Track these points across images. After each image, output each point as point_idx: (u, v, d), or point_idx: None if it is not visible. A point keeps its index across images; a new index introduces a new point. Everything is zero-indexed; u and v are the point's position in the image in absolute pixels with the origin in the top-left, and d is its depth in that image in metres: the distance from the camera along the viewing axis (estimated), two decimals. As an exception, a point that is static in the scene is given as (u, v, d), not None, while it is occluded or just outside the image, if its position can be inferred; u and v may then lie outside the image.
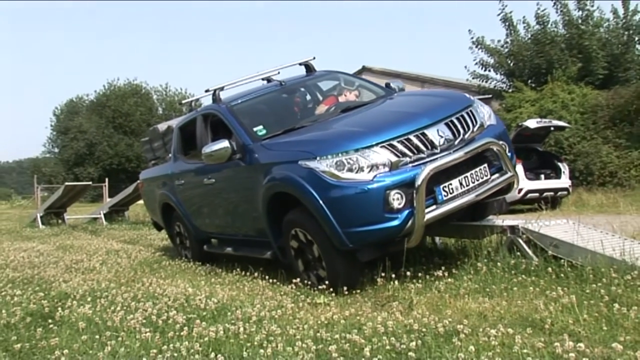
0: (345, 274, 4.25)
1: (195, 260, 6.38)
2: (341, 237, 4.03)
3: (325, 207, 4.02)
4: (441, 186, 4.08)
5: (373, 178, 3.92)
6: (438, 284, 4.07)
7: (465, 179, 4.19)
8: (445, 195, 4.09)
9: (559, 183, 11.52)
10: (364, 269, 4.51)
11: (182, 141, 6.62)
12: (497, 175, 4.40)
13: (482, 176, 4.29)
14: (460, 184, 4.17)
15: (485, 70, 18.49)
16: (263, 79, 6.15)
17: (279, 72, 6.15)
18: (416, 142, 4.09)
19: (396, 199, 3.89)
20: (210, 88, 5.83)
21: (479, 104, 4.68)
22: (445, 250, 5.44)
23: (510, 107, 16.27)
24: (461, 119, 4.36)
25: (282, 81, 5.94)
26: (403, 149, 4.05)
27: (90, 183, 21.54)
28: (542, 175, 11.47)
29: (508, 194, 4.82)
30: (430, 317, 3.18)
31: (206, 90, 5.94)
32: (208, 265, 6.03)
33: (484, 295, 3.74)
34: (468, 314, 3.35)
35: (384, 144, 4.04)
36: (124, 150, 41.08)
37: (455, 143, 4.22)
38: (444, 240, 5.68)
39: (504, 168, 4.41)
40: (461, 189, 4.16)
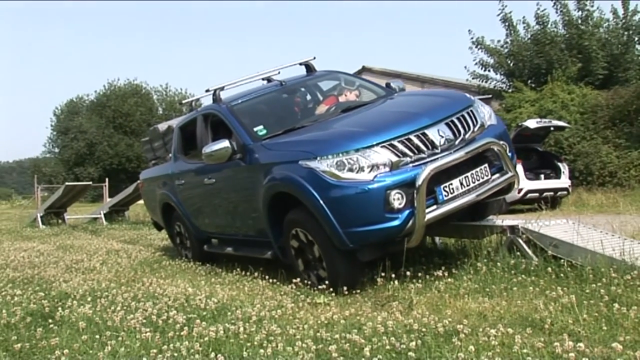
0: (346, 274, 4.25)
1: (195, 260, 6.38)
2: (342, 237, 4.03)
3: (325, 207, 4.02)
4: (442, 186, 4.08)
5: (374, 178, 3.93)
6: (438, 284, 4.07)
7: (466, 178, 4.19)
8: (445, 195, 4.09)
9: (559, 183, 11.52)
10: (364, 269, 4.52)
11: (183, 141, 6.62)
12: (498, 175, 4.40)
13: (483, 176, 4.29)
14: (461, 184, 4.17)
15: (485, 70, 18.47)
16: (263, 79, 6.15)
17: (279, 72, 6.15)
18: (417, 142, 4.09)
19: (397, 199, 3.89)
20: (210, 88, 5.83)
21: (480, 104, 4.68)
22: (445, 250, 5.44)
23: (510, 107, 16.26)
24: (462, 118, 4.36)
25: (283, 81, 5.94)
26: (404, 149, 4.05)
27: (91, 183, 21.57)
28: (542, 175, 11.47)
29: (508, 194, 4.83)
30: (430, 317, 3.18)
31: (206, 90, 5.94)
32: (208, 265, 6.03)
33: (484, 295, 3.74)
34: (468, 314, 3.36)
35: (384, 143, 4.04)
36: (124, 150, 41.08)
37: (456, 143, 4.22)
38: (444, 240, 5.68)
39: (504, 168, 4.42)
40: (462, 189, 4.16)
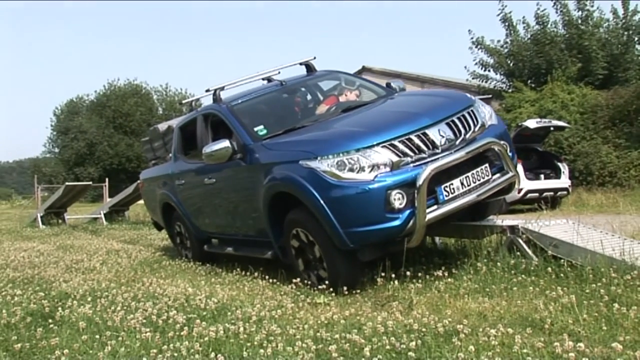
0: (346, 274, 4.25)
1: (195, 260, 6.38)
2: (342, 237, 4.03)
3: (326, 207, 4.02)
4: (442, 186, 4.08)
5: (374, 178, 3.92)
6: (438, 284, 4.07)
7: (467, 178, 4.19)
8: (446, 195, 4.09)
9: (559, 183, 11.52)
10: (364, 269, 4.51)
11: (183, 141, 6.62)
12: (499, 175, 4.40)
13: (484, 176, 4.29)
14: (462, 183, 4.17)
15: (485, 70, 18.46)
16: (263, 79, 6.15)
17: (280, 72, 6.15)
18: (417, 142, 4.09)
19: (397, 199, 3.89)
20: (210, 88, 5.83)
21: (480, 104, 4.68)
22: (445, 250, 5.44)
23: (510, 107, 16.25)
24: (462, 118, 4.36)
25: (283, 81, 5.94)
26: (404, 149, 4.04)
27: (91, 183, 21.57)
28: (542, 175, 11.47)
29: (508, 194, 4.83)
30: (430, 317, 3.18)
31: (206, 90, 5.94)
32: (208, 265, 6.03)
33: (484, 295, 3.74)
34: (468, 314, 3.36)
35: (385, 143, 4.04)
36: (124, 150, 41.08)
37: (457, 143, 4.22)
38: (444, 240, 5.68)
39: (505, 168, 4.42)
40: (462, 188, 4.16)
